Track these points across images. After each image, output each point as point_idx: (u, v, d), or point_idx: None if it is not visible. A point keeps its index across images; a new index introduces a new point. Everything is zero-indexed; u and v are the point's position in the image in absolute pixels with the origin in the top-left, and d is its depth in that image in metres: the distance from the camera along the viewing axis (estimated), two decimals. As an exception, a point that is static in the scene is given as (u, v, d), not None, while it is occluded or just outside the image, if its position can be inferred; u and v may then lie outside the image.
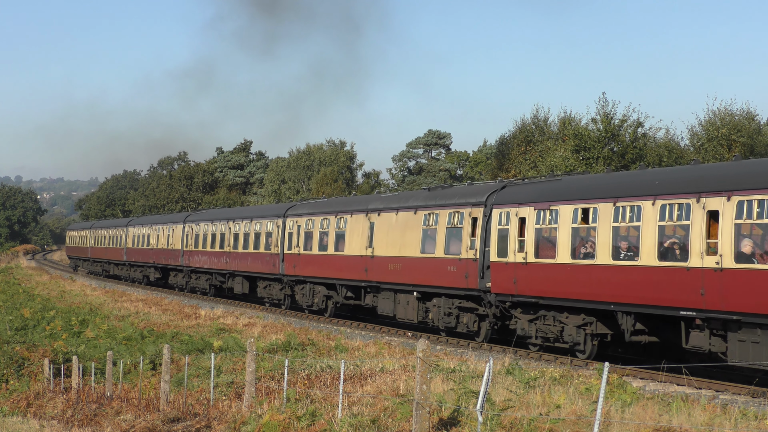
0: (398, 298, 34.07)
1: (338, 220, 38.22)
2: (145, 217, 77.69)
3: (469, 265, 29.64)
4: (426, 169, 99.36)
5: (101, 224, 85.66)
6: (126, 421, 20.44)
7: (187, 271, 57.59)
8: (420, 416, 13.83)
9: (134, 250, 69.29)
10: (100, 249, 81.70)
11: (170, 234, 59.89)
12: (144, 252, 66.55)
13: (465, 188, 31.84)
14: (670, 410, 16.19)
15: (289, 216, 43.02)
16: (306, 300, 41.72)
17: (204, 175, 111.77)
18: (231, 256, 49.39)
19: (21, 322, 42.11)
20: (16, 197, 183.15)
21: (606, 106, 46.20)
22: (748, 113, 49.42)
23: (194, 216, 57.99)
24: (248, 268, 47.27)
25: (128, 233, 70.94)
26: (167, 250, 60.45)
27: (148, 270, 67.13)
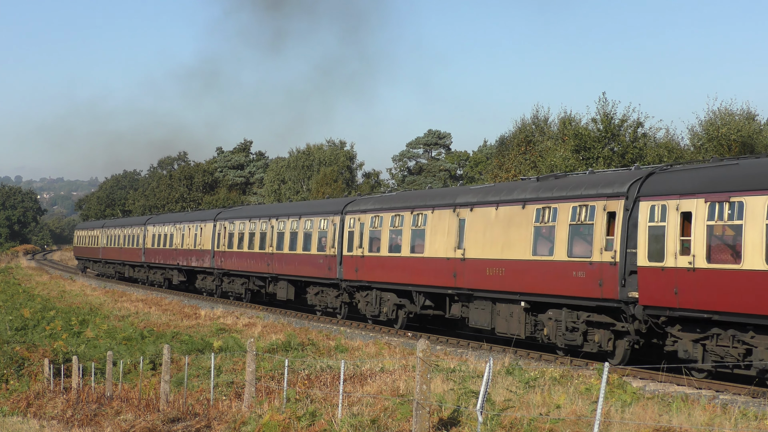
0: (498, 309, 28.71)
1: (415, 217, 32.86)
2: (167, 214, 71.08)
3: (604, 270, 24.32)
4: (426, 169, 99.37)
5: (115, 223, 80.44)
6: (126, 421, 20.45)
7: (218, 274, 52.44)
8: (420, 416, 13.83)
9: (154, 250, 64.11)
10: (114, 249, 76.38)
11: (198, 233, 54.77)
12: (166, 253, 61.24)
13: (593, 177, 26.58)
14: (670, 410, 16.19)
15: (350, 212, 37.52)
16: (371, 309, 36.15)
17: (204, 175, 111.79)
18: (274, 258, 44.18)
19: (21, 322, 42.12)
20: (16, 197, 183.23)
21: (606, 106, 46.23)
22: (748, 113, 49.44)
23: (228, 213, 52.60)
24: (295, 272, 42.32)
25: (147, 232, 65.84)
26: (194, 251, 55.33)
27: (171, 272, 61.90)
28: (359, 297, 37.28)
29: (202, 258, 53.94)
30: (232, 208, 54.78)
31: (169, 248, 60.41)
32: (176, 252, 58.91)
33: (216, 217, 52.67)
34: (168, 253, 60.81)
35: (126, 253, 71.96)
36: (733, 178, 21.56)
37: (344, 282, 37.82)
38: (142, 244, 66.55)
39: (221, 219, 51.76)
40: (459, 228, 30.27)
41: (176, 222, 60.04)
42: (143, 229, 66.89)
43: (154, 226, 64.73)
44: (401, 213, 33.89)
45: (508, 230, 27.94)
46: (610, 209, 24.40)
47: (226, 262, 50.38)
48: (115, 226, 77.81)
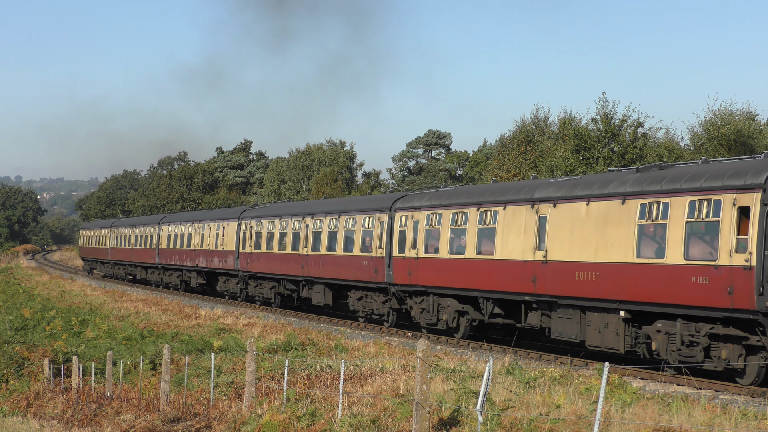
0: (589, 319, 25.28)
1: (483, 214, 29.23)
2: (183, 212, 67.94)
3: (736, 275, 20.69)
4: (426, 169, 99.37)
5: (125, 222, 76.08)
6: (126, 421, 20.45)
7: (243, 277, 48.57)
8: (420, 416, 13.83)
9: (170, 251, 60.03)
10: (124, 250, 72.18)
11: (220, 233, 50.80)
12: (184, 253, 57.36)
13: (713, 166, 22.85)
14: (670, 410, 16.19)
15: (400, 210, 33.73)
16: (426, 317, 32.26)
17: (204, 175, 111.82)
18: (309, 260, 40.18)
19: (21, 322, 42.12)
20: (16, 197, 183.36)
21: (606, 106, 46.23)
22: (749, 113, 49.45)
23: (254, 211, 48.68)
24: (334, 275, 38.58)
25: (161, 232, 61.81)
26: (216, 252, 51.52)
27: (189, 274, 57.82)
28: (411, 303, 33.28)
29: (225, 259, 50.18)
30: (258, 206, 50.59)
31: (186, 249, 56.67)
32: (195, 253, 55.09)
33: (241, 216, 48.75)
34: (186, 254, 57.03)
35: (138, 253, 68.24)
36: None
37: (394, 286, 33.96)
38: (156, 245, 62.77)
39: (247, 217, 47.93)
40: (539, 226, 26.93)
41: (195, 221, 56.23)
42: (157, 228, 62.99)
43: (169, 225, 60.93)
44: (464, 209, 30.11)
45: (603, 229, 24.49)
46: (742, 204, 20.81)
47: (253, 264, 46.59)
48: (125, 225, 73.86)
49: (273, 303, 45.52)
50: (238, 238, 48.48)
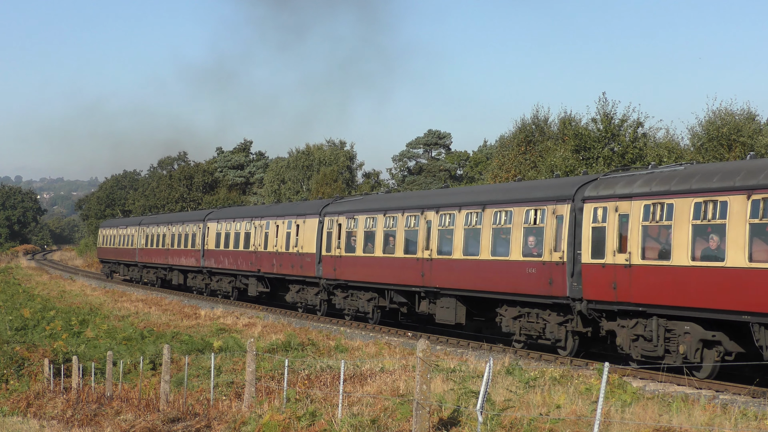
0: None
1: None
2: (237, 207, 58.38)
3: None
4: (426, 169, 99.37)
5: (158, 219, 67.07)
6: (126, 421, 20.45)
7: (326, 286, 39.89)
8: (420, 416, 13.83)
9: (221, 253, 51.86)
10: (156, 251, 63.99)
11: (293, 232, 42.88)
12: (239, 256, 49.07)
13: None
14: (670, 410, 16.19)
15: (593, 200, 25.19)
16: (646, 346, 23.83)
17: (204, 175, 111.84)
18: (433, 266, 31.95)
19: (21, 322, 42.12)
20: (16, 197, 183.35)
21: (606, 106, 46.20)
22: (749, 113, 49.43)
23: (341, 205, 39.53)
24: (472, 285, 30.14)
25: (208, 231, 53.73)
26: (287, 255, 43.20)
27: (246, 281, 49.60)
28: (615, 326, 24.94)
29: (301, 264, 41.69)
30: (345, 200, 41.23)
31: (244, 250, 48.27)
32: (256, 256, 46.79)
33: (323, 211, 40.25)
34: (243, 257, 48.64)
35: (176, 255, 59.84)
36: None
37: (584, 303, 25.47)
38: (201, 245, 54.67)
39: (332, 213, 39.39)
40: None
41: (255, 217, 47.84)
42: (202, 226, 55.09)
43: (218, 222, 52.78)
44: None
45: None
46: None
47: (343, 270, 37.99)
48: (158, 223, 65.32)
49: (371, 319, 36.89)
50: (320, 239, 40.04)
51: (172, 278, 61.71)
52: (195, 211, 67.67)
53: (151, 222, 67.11)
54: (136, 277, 71.03)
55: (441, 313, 31.83)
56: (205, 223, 54.78)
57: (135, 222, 72.13)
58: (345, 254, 37.80)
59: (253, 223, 47.51)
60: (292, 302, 44.40)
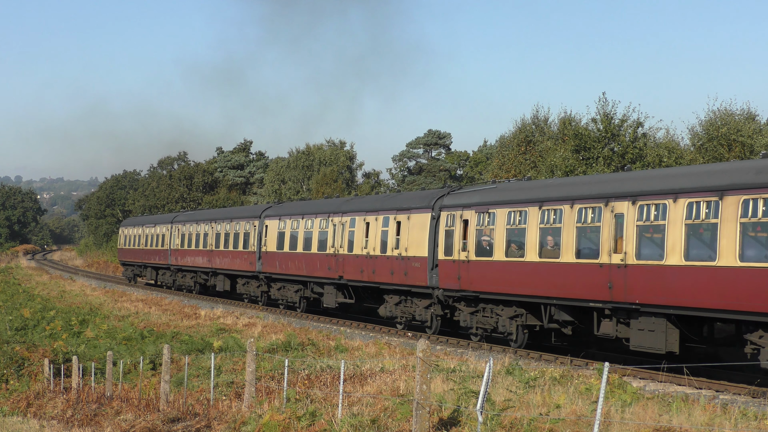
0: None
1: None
2: (305, 202, 48.52)
3: None
4: (426, 169, 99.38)
5: (196, 216, 58.70)
6: (126, 421, 20.45)
7: (443, 298, 31.84)
8: (420, 416, 13.83)
9: (283, 256, 43.83)
10: (196, 253, 55.59)
11: (391, 230, 34.89)
12: (312, 260, 40.85)
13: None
14: (670, 410, 16.19)
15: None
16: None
17: (204, 175, 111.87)
18: (629, 274, 24.02)
19: (21, 322, 42.13)
20: (16, 197, 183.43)
21: (606, 106, 46.17)
22: (749, 113, 49.42)
23: (470, 196, 30.97)
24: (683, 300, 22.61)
25: (266, 229, 45.87)
26: (383, 259, 35.22)
27: (320, 289, 41.05)
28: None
29: (405, 269, 33.75)
30: (469, 189, 32.49)
31: (318, 253, 40.22)
32: (336, 260, 38.60)
33: (438, 204, 32.55)
34: (316, 261, 40.54)
35: (221, 257, 51.78)
36: None
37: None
38: (257, 246, 46.84)
39: (453, 206, 31.24)
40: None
41: (333, 213, 39.48)
42: (258, 224, 47.14)
43: (279, 219, 44.70)
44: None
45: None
46: None
47: (475, 279, 29.84)
48: (196, 220, 57.14)
49: (513, 341, 29.06)
50: (434, 239, 32.42)
51: (216, 284, 53.03)
52: (247, 207, 58.53)
53: (189, 219, 58.54)
54: (167, 281, 62.83)
55: (637, 337, 24.10)
56: (261, 221, 46.73)
57: (166, 219, 63.25)
58: (475, 258, 29.69)
59: (331, 221, 39.36)
60: (388, 316, 36.24)
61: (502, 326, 29.34)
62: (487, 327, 30.13)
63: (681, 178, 23.16)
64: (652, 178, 24.38)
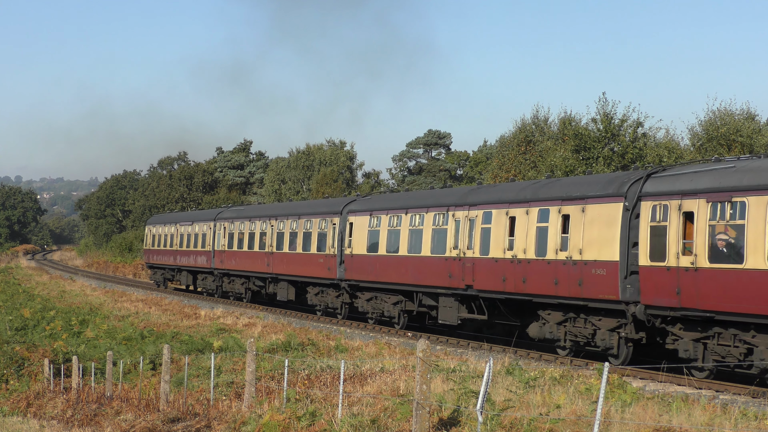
0: None
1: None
2: (404, 194, 38.62)
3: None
4: (426, 169, 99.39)
5: (248, 212, 50.01)
6: (126, 421, 20.45)
7: (646, 318, 23.95)
8: (420, 416, 13.83)
9: (374, 259, 35.98)
10: (250, 255, 47.67)
11: (554, 226, 26.81)
12: (422, 265, 32.85)
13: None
14: (670, 410, 16.20)
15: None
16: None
17: (204, 175, 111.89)
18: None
19: (21, 322, 42.13)
20: (16, 197, 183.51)
21: (606, 106, 46.22)
22: (748, 113, 49.45)
23: (690, 179, 23.08)
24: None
25: (350, 227, 37.97)
26: (540, 264, 27.21)
27: (432, 301, 33.27)
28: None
29: (579, 278, 25.88)
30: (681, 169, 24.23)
31: (432, 257, 32.27)
32: (461, 264, 30.62)
33: (633, 190, 24.73)
34: (427, 267, 32.56)
35: (284, 261, 43.90)
36: None
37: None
38: (336, 248, 38.86)
39: (661, 194, 23.50)
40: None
41: (454, 206, 31.52)
42: (338, 221, 39.17)
43: (370, 215, 36.67)
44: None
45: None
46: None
47: (703, 294, 22.15)
48: (248, 217, 48.76)
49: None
50: (626, 238, 24.73)
51: (277, 292, 45.25)
52: (323, 200, 47.45)
53: (239, 216, 50.38)
54: (208, 287, 54.64)
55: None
56: (343, 217, 38.83)
57: (208, 216, 55.07)
58: (709, 265, 21.71)
59: (452, 215, 31.35)
60: (543, 338, 28.04)
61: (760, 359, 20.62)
62: (728, 360, 21.80)
63: None
64: None
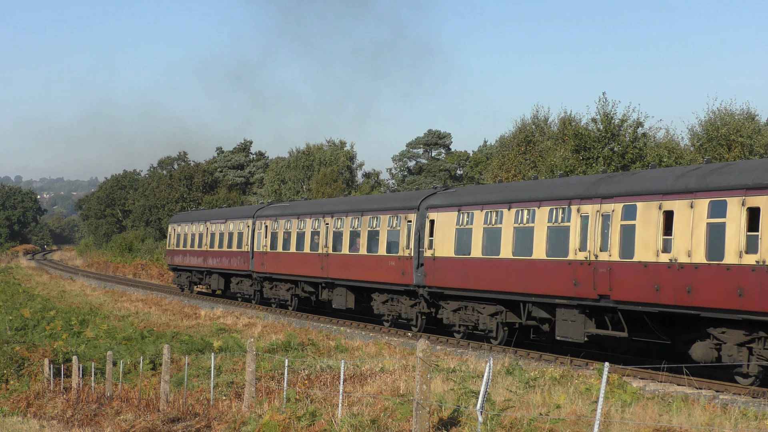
0: None
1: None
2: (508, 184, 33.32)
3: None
4: (426, 169, 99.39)
5: (297, 209, 43.91)
6: (126, 421, 20.45)
7: None
8: (420, 416, 13.83)
9: (468, 263, 30.20)
10: (297, 258, 41.81)
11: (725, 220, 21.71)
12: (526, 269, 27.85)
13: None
14: (670, 410, 16.20)
15: None
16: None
17: (204, 175, 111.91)
18: None
19: (21, 322, 42.14)
20: (16, 197, 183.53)
21: (606, 106, 46.19)
22: (748, 113, 49.44)
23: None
24: None
25: (430, 225, 32.28)
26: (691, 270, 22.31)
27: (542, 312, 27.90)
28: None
29: None
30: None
31: (549, 260, 26.86)
32: (592, 270, 25.28)
33: None
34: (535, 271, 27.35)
35: (342, 264, 38.27)
36: None
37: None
38: (413, 250, 33.11)
39: None
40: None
41: (580, 199, 26.15)
42: (413, 218, 33.37)
43: (458, 211, 30.88)
44: None
45: None
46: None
47: None
48: (297, 214, 42.83)
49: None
50: None
51: (333, 298, 39.49)
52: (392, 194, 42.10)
53: (283, 213, 44.45)
54: (246, 292, 49.25)
55: None
56: (421, 213, 33.06)
57: (245, 213, 49.40)
58: None
59: (577, 211, 26.02)
60: (711, 361, 22.61)
61: None
62: None
63: None
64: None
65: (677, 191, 23.12)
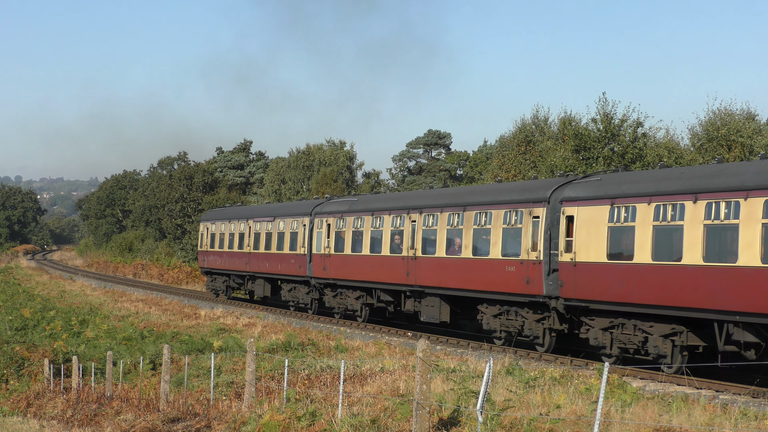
0: None
1: None
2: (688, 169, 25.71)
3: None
4: (426, 169, 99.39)
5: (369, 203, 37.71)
6: (126, 421, 20.45)
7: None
8: (420, 416, 13.83)
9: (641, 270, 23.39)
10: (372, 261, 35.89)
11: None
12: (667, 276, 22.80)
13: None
14: (670, 410, 16.20)
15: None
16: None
17: (204, 175, 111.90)
18: None
19: (21, 322, 42.14)
20: (16, 197, 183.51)
21: (606, 105, 46.18)
22: (748, 113, 49.43)
23: None
24: None
25: (565, 222, 26.12)
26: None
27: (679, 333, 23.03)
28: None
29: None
30: None
31: (720, 266, 21.38)
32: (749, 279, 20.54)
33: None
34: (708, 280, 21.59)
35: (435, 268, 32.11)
36: None
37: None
38: (542, 252, 27.01)
39: None
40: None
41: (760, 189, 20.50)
42: (542, 213, 27.20)
43: (581, 205, 25.88)
44: None
45: None
46: None
47: None
48: (370, 210, 36.65)
49: None
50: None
51: (421, 310, 33.17)
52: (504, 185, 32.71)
53: (351, 210, 38.26)
54: (302, 300, 42.80)
55: None
56: (552, 207, 27.07)
57: (300, 210, 42.88)
58: None
59: None
60: None
61: None
62: None
63: None
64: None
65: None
